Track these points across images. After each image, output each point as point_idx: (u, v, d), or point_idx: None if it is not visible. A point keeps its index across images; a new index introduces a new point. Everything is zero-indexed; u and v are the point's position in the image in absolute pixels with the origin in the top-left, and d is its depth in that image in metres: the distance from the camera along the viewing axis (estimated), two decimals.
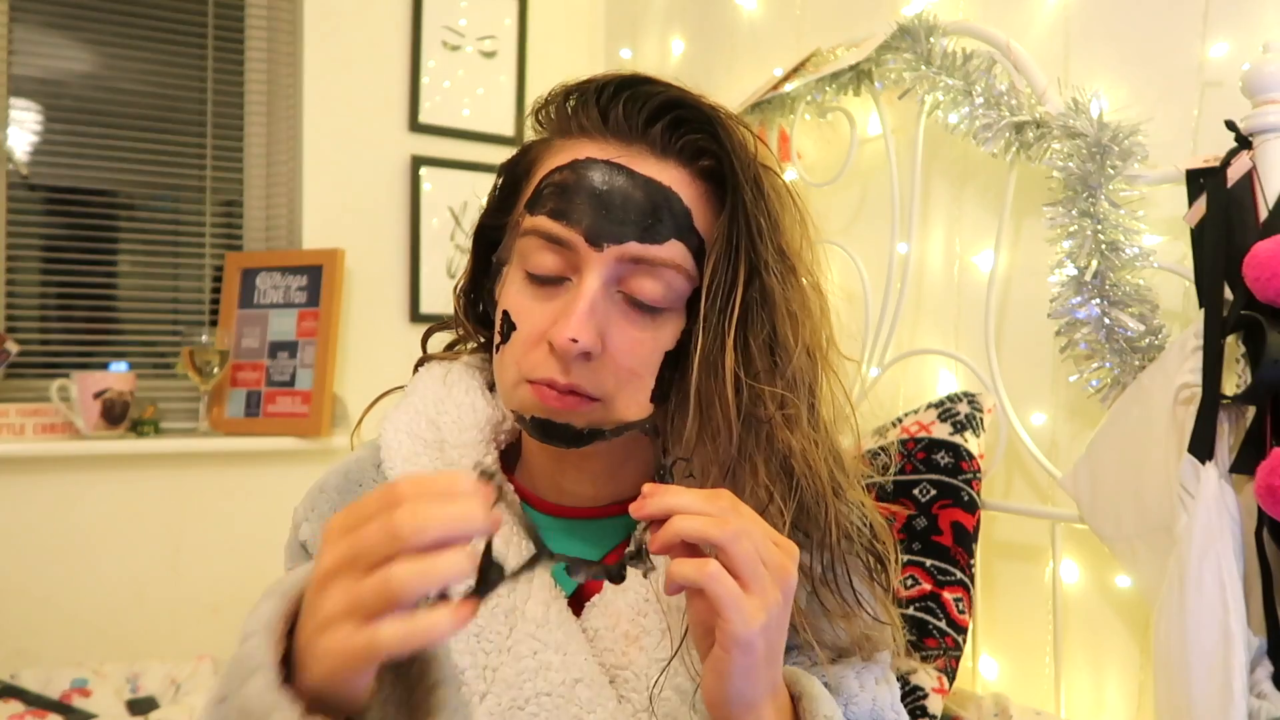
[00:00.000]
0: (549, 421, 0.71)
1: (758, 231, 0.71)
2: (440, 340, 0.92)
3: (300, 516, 0.84)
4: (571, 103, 0.75)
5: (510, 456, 0.84)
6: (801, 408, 0.72)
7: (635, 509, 0.60)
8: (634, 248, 0.70)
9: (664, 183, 0.71)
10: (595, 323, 0.69)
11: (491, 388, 0.85)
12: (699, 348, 0.70)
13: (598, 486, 0.80)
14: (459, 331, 0.88)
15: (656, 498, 0.60)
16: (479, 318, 0.86)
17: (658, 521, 0.60)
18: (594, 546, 0.80)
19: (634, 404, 0.72)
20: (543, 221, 0.71)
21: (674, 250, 0.71)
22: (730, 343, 0.70)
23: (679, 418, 0.73)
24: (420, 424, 0.82)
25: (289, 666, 0.52)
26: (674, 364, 0.73)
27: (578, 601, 0.77)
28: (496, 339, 0.74)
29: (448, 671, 0.56)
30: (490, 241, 0.82)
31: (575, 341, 0.67)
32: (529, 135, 0.81)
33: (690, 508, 0.59)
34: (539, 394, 0.70)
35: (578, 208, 0.70)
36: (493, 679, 0.73)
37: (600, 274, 0.70)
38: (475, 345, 0.89)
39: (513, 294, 0.73)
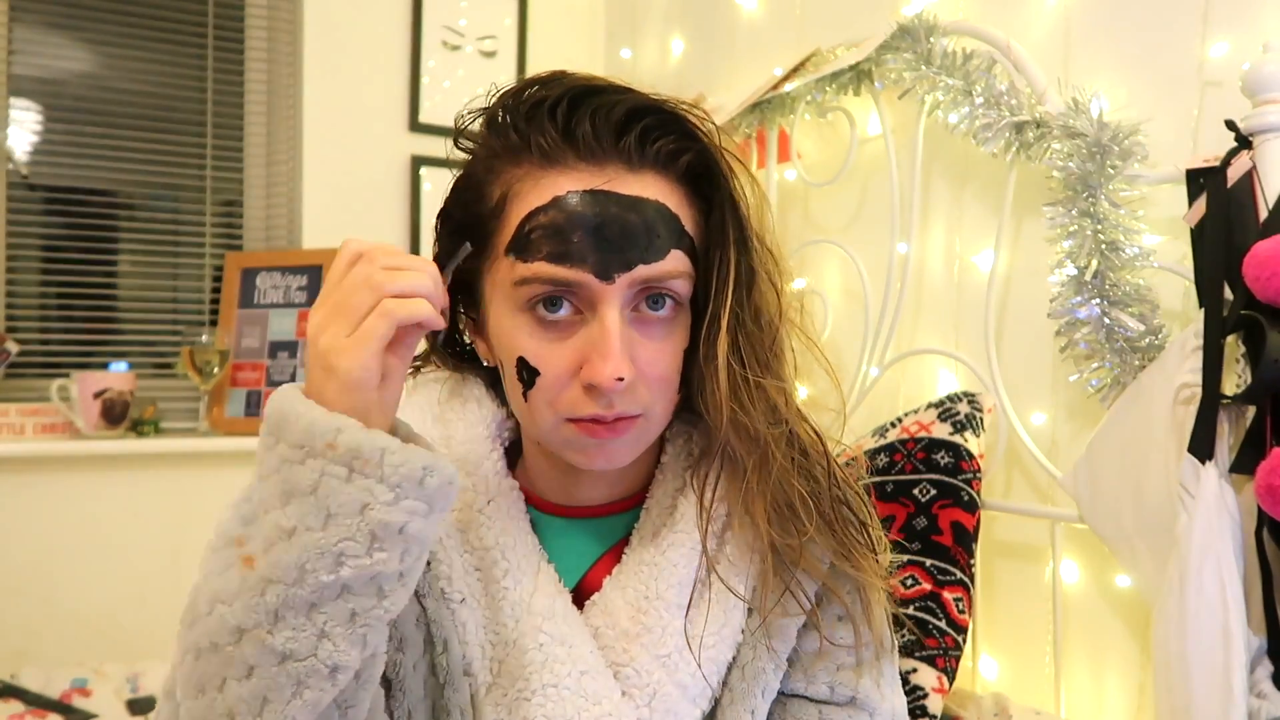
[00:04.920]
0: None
1: (744, 213, 0.73)
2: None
3: None
4: (523, 120, 0.70)
5: (512, 453, 0.84)
6: (782, 366, 0.76)
7: None
8: (642, 270, 0.69)
9: (649, 196, 0.70)
10: (627, 352, 0.69)
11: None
12: (708, 324, 0.73)
13: (610, 488, 0.81)
14: (432, 361, 0.86)
15: None
16: (453, 351, 0.85)
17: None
18: (596, 543, 0.81)
19: (670, 404, 0.75)
20: (543, 268, 0.69)
21: (676, 260, 0.71)
22: (727, 312, 0.72)
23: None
24: (426, 421, 0.81)
25: None
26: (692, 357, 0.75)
27: (578, 600, 0.78)
28: (518, 386, 0.72)
29: None
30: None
31: (621, 380, 0.68)
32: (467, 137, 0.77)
33: None
34: (587, 430, 0.70)
35: (577, 246, 0.68)
36: (499, 670, 0.74)
37: (616, 304, 0.69)
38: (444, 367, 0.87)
39: (523, 339, 0.71)
